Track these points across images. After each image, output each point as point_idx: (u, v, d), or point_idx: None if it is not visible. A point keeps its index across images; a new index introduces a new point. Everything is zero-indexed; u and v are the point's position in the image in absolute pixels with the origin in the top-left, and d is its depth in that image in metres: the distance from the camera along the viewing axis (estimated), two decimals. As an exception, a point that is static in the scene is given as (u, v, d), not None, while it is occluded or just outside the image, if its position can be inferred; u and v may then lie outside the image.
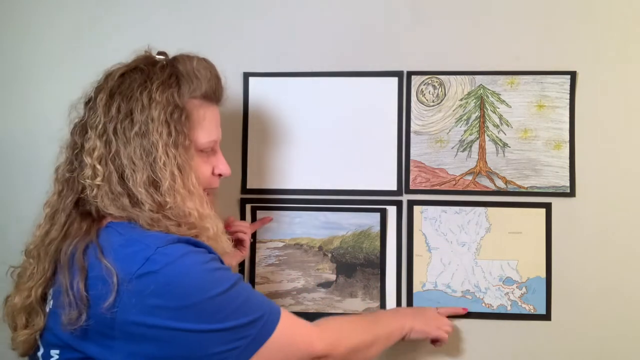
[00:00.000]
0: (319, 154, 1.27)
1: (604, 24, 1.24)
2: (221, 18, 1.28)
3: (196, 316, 0.77)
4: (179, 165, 0.85)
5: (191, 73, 0.91)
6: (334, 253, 1.27)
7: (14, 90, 1.31)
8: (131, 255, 0.78)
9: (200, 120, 0.91)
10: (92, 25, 1.29)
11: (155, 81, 0.87)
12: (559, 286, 1.23)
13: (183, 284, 0.77)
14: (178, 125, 0.86)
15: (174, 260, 0.77)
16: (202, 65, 0.93)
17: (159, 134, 0.84)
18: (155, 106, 0.85)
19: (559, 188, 1.24)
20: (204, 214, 0.88)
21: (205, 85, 0.92)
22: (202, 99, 0.92)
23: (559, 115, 1.24)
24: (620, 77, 1.23)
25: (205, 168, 0.94)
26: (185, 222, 0.85)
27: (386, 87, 1.26)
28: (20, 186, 1.30)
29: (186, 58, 0.93)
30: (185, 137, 0.87)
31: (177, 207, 0.84)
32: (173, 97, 0.87)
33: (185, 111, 0.88)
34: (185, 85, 0.89)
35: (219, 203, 1.10)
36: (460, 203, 1.25)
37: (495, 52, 1.25)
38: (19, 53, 1.31)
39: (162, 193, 0.83)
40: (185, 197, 0.85)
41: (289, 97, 1.28)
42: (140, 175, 0.83)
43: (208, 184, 0.95)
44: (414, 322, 1.11)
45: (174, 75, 0.89)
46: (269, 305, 0.85)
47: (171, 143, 0.85)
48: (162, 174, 0.83)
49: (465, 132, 1.25)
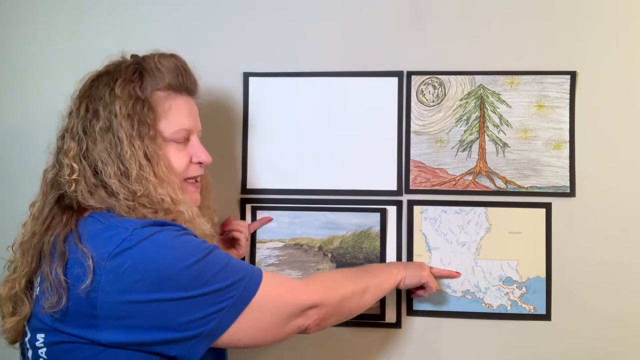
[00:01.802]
0: (319, 154, 1.27)
1: (604, 24, 1.24)
2: (221, 18, 1.29)
3: (176, 285, 0.79)
4: (146, 155, 0.89)
5: (154, 67, 0.95)
6: (334, 253, 1.27)
7: (13, 90, 1.31)
8: (108, 239, 0.81)
9: (166, 111, 0.94)
10: (92, 25, 1.29)
11: (119, 79, 0.92)
12: (559, 286, 1.23)
13: (159, 256, 0.80)
14: (141, 117, 0.90)
15: (148, 236, 0.81)
16: (166, 59, 0.96)
17: (122, 128, 0.88)
18: (117, 102, 0.89)
19: (559, 188, 1.24)
20: (177, 199, 0.90)
21: (169, 77, 0.95)
22: (166, 90, 0.95)
23: (559, 115, 1.24)
24: (620, 77, 1.23)
25: (179, 157, 0.95)
26: (161, 208, 0.88)
27: (386, 87, 1.26)
28: (20, 185, 1.30)
29: (152, 55, 0.97)
30: (150, 127, 0.91)
31: (149, 195, 0.87)
32: (135, 90, 0.91)
33: (148, 103, 0.92)
34: (147, 79, 0.93)
35: (213, 196, 1.11)
36: (460, 203, 1.25)
37: (495, 52, 1.25)
38: (19, 52, 1.31)
39: (132, 182, 0.87)
40: (156, 185, 0.88)
41: (289, 97, 1.28)
42: (111, 167, 0.87)
43: (186, 172, 0.97)
44: (407, 270, 1.12)
45: (138, 71, 0.94)
46: (250, 268, 0.88)
47: (135, 135, 0.89)
48: (129, 164, 0.87)
49: (465, 132, 1.25)
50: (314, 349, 1.26)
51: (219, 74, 1.27)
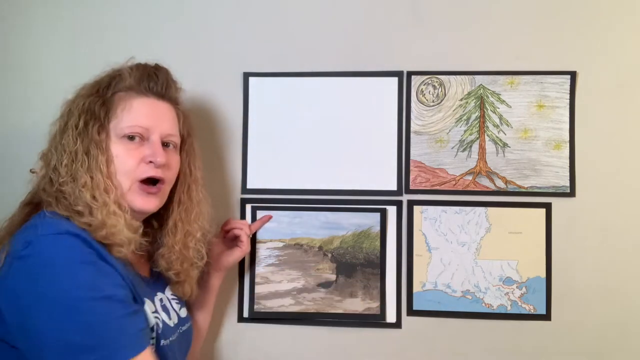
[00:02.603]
0: (319, 154, 1.27)
1: (604, 24, 1.24)
2: (221, 18, 1.28)
3: (47, 312, 0.78)
4: (87, 150, 0.91)
5: (123, 72, 0.98)
6: (334, 253, 1.27)
7: (13, 89, 1.31)
8: (21, 237, 0.83)
9: (122, 110, 0.95)
10: (92, 26, 1.29)
11: (89, 83, 0.97)
12: (559, 286, 1.23)
13: (46, 275, 0.79)
14: (94, 113, 0.93)
15: (45, 250, 0.81)
16: (138, 66, 1.00)
17: (72, 121, 0.92)
18: (78, 99, 0.94)
19: (559, 188, 1.24)
20: (99, 199, 0.89)
21: (133, 79, 0.97)
22: (128, 91, 0.97)
23: (559, 115, 1.24)
24: (620, 77, 1.23)
25: (129, 156, 0.94)
26: (87, 209, 0.88)
27: (386, 87, 1.26)
28: (20, 186, 1.30)
29: (127, 62, 1.00)
30: (100, 124, 0.93)
31: (76, 195, 0.88)
32: (97, 90, 0.95)
33: (106, 102, 0.95)
34: (113, 82, 0.97)
35: (205, 211, 1.08)
36: (460, 203, 1.25)
37: (495, 52, 1.25)
38: (19, 52, 1.31)
39: (61, 173, 0.90)
40: (82, 181, 0.89)
41: (289, 97, 1.28)
42: (53, 160, 0.91)
43: (135, 173, 0.95)
44: None
45: (107, 75, 0.98)
46: (118, 346, 0.80)
47: (82, 129, 0.91)
48: (63, 155, 0.90)
49: (465, 132, 1.25)
50: (314, 349, 1.26)
51: (219, 74, 1.27)
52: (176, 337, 1.00)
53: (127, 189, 0.94)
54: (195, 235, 1.05)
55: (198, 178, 1.08)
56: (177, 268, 1.03)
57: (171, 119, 1.01)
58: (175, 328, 1.01)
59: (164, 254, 1.03)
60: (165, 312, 0.99)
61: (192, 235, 1.05)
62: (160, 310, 0.98)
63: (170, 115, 1.01)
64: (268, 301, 1.26)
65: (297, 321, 1.26)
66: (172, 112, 1.02)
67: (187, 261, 1.04)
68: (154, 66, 1.01)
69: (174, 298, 1.06)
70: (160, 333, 0.93)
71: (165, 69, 1.03)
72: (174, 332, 1.00)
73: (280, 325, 1.26)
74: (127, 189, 0.94)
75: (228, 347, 1.27)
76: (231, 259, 1.18)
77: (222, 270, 1.19)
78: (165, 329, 0.96)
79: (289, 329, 1.26)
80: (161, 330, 0.94)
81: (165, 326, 0.97)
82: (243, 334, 1.27)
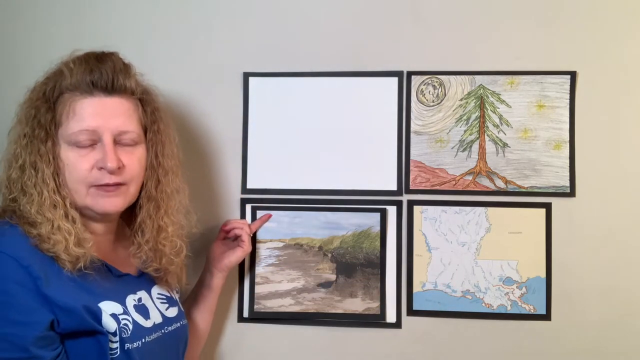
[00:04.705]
0: (319, 154, 1.27)
1: (604, 24, 1.24)
2: (221, 18, 1.28)
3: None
4: (34, 161, 0.88)
5: (64, 68, 0.92)
6: (334, 253, 1.27)
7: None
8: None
9: (67, 115, 0.90)
10: (91, 25, 1.29)
11: (38, 84, 0.93)
12: (559, 286, 1.23)
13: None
14: (40, 121, 0.89)
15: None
16: (79, 58, 0.93)
17: (20, 137, 0.89)
18: (24, 107, 0.91)
19: (559, 188, 1.24)
20: (48, 217, 0.86)
21: (71, 78, 0.90)
22: (71, 91, 0.91)
23: (559, 115, 1.24)
24: (620, 77, 1.23)
25: (80, 162, 0.89)
26: (30, 218, 0.86)
27: (386, 87, 1.26)
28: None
29: (72, 55, 0.94)
30: (47, 132, 0.89)
31: (25, 209, 0.86)
32: (42, 94, 0.91)
33: (52, 107, 0.90)
34: (57, 81, 0.91)
35: (183, 200, 1.04)
36: (460, 203, 1.25)
37: (495, 52, 1.25)
38: (18, 52, 1.31)
39: (13, 190, 0.88)
40: (29, 193, 0.87)
41: (288, 97, 1.28)
42: (9, 174, 0.89)
43: (88, 179, 0.90)
44: None
45: (53, 73, 0.93)
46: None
47: (27, 143, 0.88)
48: (13, 167, 0.89)
49: (465, 132, 1.25)
50: (314, 349, 1.26)
51: (219, 74, 1.27)
52: (156, 337, 0.96)
53: (84, 195, 0.90)
54: (166, 229, 1.00)
55: (171, 167, 1.01)
56: (154, 265, 1.00)
57: (123, 113, 0.92)
58: (154, 329, 0.97)
59: (134, 253, 1.00)
60: (140, 313, 0.95)
61: (164, 231, 0.99)
62: (132, 311, 0.94)
63: (121, 110, 0.92)
64: (268, 301, 1.26)
65: (297, 321, 1.26)
66: (124, 106, 0.93)
67: (164, 256, 1.00)
68: (96, 56, 0.93)
69: (161, 297, 1.03)
70: (127, 337, 0.89)
71: (112, 56, 0.94)
72: (151, 333, 0.96)
73: (280, 325, 1.26)
74: (84, 195, 0.90)
75: (228, 347, 1.27)
76: (233, 259, 1.18)
77: (224, 270, 1.18)
78: (137, 330, 0.92)
79: (289, 329, 1.26)
80: (129, 332, 0.90)
81: (137, 328, 0.93)
82: (243, 334, 1.27)
